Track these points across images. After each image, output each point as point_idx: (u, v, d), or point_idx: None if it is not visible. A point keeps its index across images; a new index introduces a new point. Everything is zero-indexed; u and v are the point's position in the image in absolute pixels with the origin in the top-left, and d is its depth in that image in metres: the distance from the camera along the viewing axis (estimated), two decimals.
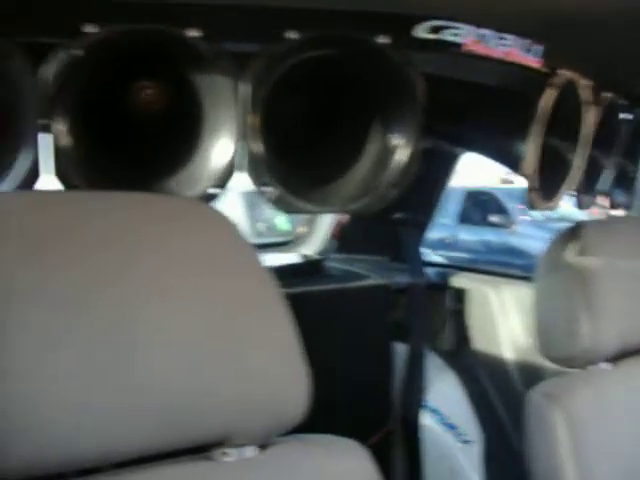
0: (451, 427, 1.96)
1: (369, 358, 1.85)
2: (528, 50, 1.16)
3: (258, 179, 0.97)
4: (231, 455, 0.79)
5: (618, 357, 1.18)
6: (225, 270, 0.78)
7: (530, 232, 6.82)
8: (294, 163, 1.04)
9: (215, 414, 0.76)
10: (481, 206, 7.31)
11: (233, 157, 0.95)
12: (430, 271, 2.15)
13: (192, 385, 0.73)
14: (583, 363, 1.17)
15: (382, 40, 0.98)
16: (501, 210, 7.22)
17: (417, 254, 2.11)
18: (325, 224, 2.27)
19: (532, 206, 1.29)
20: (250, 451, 0.79)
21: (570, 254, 1.16)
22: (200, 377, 0.74)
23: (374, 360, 1.88)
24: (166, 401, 0.72)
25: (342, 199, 1.06)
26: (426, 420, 1.94)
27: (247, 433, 0.78)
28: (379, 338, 1.90)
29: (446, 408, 1.97)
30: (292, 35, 0.93)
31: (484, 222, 7.23)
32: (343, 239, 2.24)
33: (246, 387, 0.77)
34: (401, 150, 1.05)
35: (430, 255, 2.24)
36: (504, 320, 2.01)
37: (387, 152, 1.05)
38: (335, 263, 2.17)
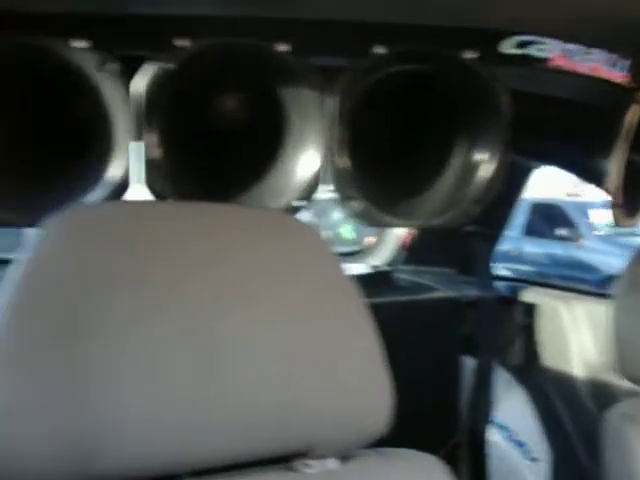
0: (519, 444, 1.93)
1: (437, 371, 1.84)
2: (614, 65, 1.15)
3: (343, 192, 0.98)
4: (313, 467, 0.79)
5: None
6: (310, 281, 0.79)
7: (599, 247, 6.67)
8: (379, 177, 1.04)
9: (299, 425, 0.76)
10: (547, 219, 7.17)
11: (318, 170, 0.96)
12: (499, 285, 2.12)
13: (277, 396, 0.74)
14: None
15: (469, 55, 0.98)
16: (568, 223, 7.08)
17: (487, 267, 2.09)
18: (395, 235, 2.26)
19: (615, 222, 1.27)
20: (332, 463, 0.80)
21: None
22: (285, 388, 0.74)
23: (442, 373, 1.87)
24: (251, 412, 0.73)
25: (426, 213, 1.06)
26: (494, 436, 1.92)
27: (330, 445, 0.78)
28: (448, 351, 1.89)
29: (514, 424, 1.95)
30: (379, 50, 0.94)
31: (550, 235, 7.10)
32: (412, 250, 2.24)
33: (331, 398, 0.77)
34: (485, 165, 1.05)
35: (497, 268, 2.20)
36: (575, 336, 1.96)
37: (471, 167, 1.05)
38: (403, 274, 2.16)
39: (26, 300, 0.67)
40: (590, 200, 7.18)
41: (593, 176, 1.27)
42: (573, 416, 1.93)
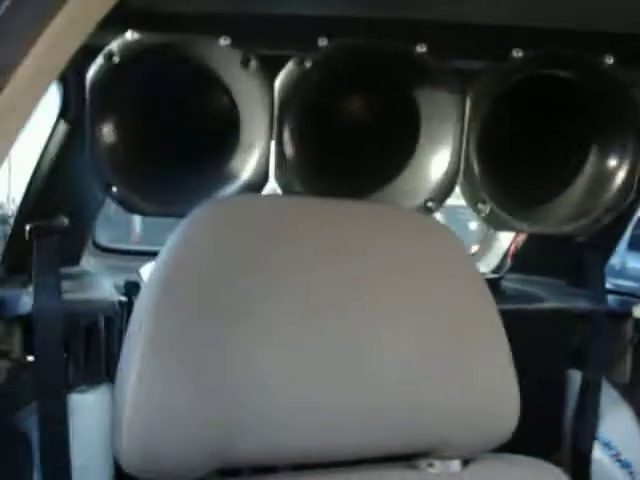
0: (625, 464, 1.87)
1: (543, 383, 1.80)
2: None
3: (472, 195, 0.98)
4: (436, 467, 0.79)
5: None
6: (442, 278, 0.79)
7: None
8: (510, 181, 1.03)
9: (425, 424, 0.77)
10: None
11: (453, 172, 0.96)
12: (611, 298, 2.06)
13: (405, 393, 0.75)
14: None
15: (609, 60, 0.96)
16: None
17: (600, 280, 2.03)
18: (500, 243, 2.23)
19: None
20: (455, 465, 0.80)
21: None
22: (413, 385, 0.75)
23: (548, 385, 1.83)
24: (378, 407, 0.74)
25: (557, 220, 1.04)
26: (597, 454, 1.86)
27: (455, 446, 0.78)
28: (555, 363, 1.85)
29: (620, 443, 1.88)
30: (518, 53, 0.93)
31: None
32: (519, 258, 2.20)
33: (459, 399, 0.77)
34: (619, 173, 1.02)
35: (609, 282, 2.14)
36: None
37: (605, 175, 1.03)
38: (510, 283, 2.12)
39: (172, 286, 0.70)
40: None
41: None
42: None
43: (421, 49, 0.91)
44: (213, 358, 0.67)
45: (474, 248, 2.37)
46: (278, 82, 0.95)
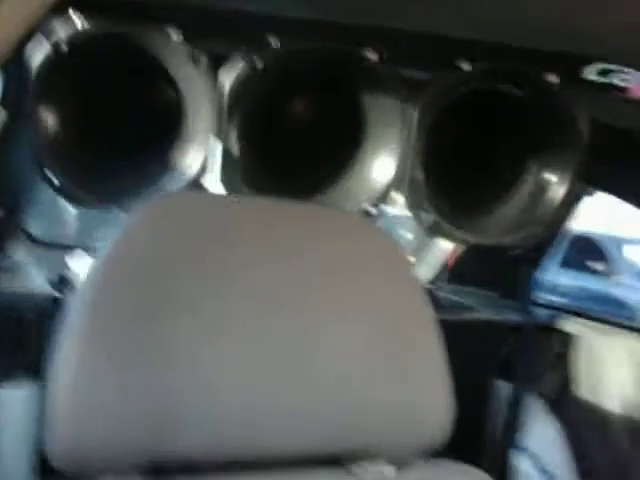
0: (548, 474, 1.91)
1: (472, 392, 1.83)
2: None
3: (415, 203, 0.99)
4: (370, 471, 0.79)
5: None
6: (378, 281, 0.79)
7: (635, 283, 6.58)
8: (452, 192, 1.05)
9: (362, 427, 0.77)
10: (585, 251, 7.09)
11: (393, 178, 0.97)
12: (542, 312, 2.11)
13: (344, 397, 0.75)
14: None
15: (551, 78, 0.98)
16: (605, 258, 6.99)
17: (529, 293, 2.08)
18: (436, 255, 2.26)
19: None
20: (388, 470, 0.80)
21: None
22: (353, 389, 0.75)
23: (475, 395, 1.86)
24: (311, 407, 0.73)
25: (497, 232, 1.06)
26: (522, 464, 1.90)
27: (389, 451, 0.79)
28: (483, 374, 1.88)
29: (544, 454, 1.93)
30: (464, 66, 0.95)
31: (586, 268, 7.01)
32: (456, 271, 2.23)
33: (395, 404, 0.77)
34: (557, 188, 1.05)
35: (536, 295, 2.19)
36: (613, 371, 1.95)
37: (544, 190, 1.05)
38: (444, 293, 2.15)
39: (111, 282, 0.68)
40: (627, 236, 7.09)
41: None
42: (604, 451, 1.91)
43: (371, 56, 0.92)
44: (148, 353, 0.66)
45: (410, 259, 2.39)
46: (227, 80, 0.94)
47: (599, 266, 6.93)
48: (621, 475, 1.14)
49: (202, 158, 0.94)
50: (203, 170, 0.95)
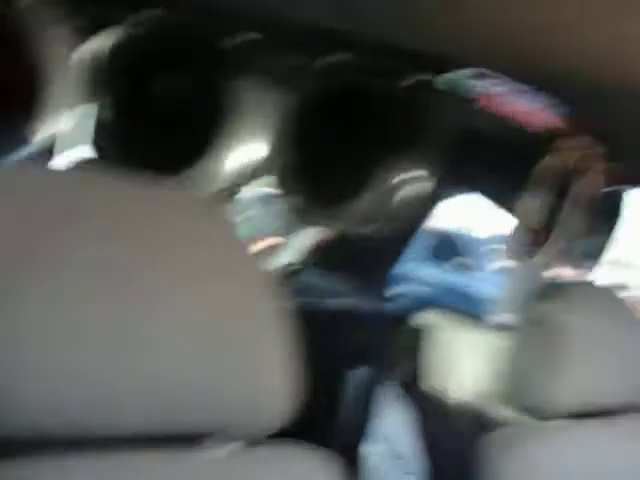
0: (397, 457, 1.99)
1: (322, 380, 1.86)
2: (553, 108, 1.18)
3: (284, 188, 1.00)
4: (217, 449, 0.80)
5: (579, 415, 1.21)
6: (221, 270, 0.79)
7: (492, 279, 6.89)
8: (315, 178, 1.06)
9: (208, 406, 0.77)
10: (446, 248, 7.36)
11: (256, 162, 0.97)
12: (396, 303, 2.18)
13: (188, 375, 0.74)
14: (543, 415, 1.19)
15: (420, 78, 1.01)
16: (467, 254, 7.28)
17: (386, 284, 2.14)
18: (302, 238, 2.28)
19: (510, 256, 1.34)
20: (237, 447, 0.81)
21: (551, 310, 1.20)
22: (197, 367, 0.75)
23: (327, 383, 1.89)
24: (156, 386, 0.73)
25: (355, 221, 1.09)
26: (374, 448, 1.96)
27: (236, 429, 0.80)
28: (339, 361, 1.92)
29: (395, 439, 2.00)
30: (333, 57, 0.96)
31: (447, 264, 7.28)
32: (321, 256, 2.26)
33: (239, 384, 0.78)
34: (415, 186, 1.09)
35: (393, 287, 2.27)
36: (464, 362, 2.04)
37: (397, 185, 1.09)
38: (305, 277, 2.18)
39: None
40: (489, 234, 7.41)
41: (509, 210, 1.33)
42: (449, 437, 2.00)
43: (235, 41, 0.91)
44: None
45: (274, 241, 2.40)
46: (104, 45, 0.91)
47: (460, 262, 7.23)
48: (463, 460, 1.19)
49: (51, 129, 0.91)
50: (53, 140, 0.91)
